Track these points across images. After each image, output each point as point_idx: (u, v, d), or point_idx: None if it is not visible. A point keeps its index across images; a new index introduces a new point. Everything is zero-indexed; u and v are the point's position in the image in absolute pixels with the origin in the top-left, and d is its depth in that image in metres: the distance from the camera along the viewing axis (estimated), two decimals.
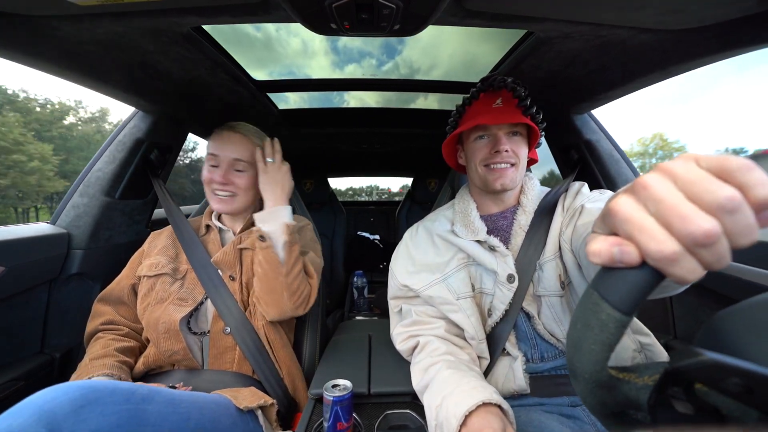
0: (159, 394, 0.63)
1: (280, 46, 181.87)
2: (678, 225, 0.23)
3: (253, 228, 0.90)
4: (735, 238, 0.23)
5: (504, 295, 0.73)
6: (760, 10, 0.59)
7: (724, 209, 0.22)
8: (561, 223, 0.76)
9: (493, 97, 0.79)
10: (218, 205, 0.94)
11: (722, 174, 0.23)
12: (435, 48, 10.63)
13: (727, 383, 0.24)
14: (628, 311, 0.27)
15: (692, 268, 0.24)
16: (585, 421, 0.66)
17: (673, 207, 0.24)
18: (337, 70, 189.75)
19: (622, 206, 0.26)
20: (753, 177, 0.22)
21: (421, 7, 0.59)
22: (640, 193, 0.26)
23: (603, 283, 0.28)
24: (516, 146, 0.78)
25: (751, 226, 0.23)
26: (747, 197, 0.23)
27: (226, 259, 0.92)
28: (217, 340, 0.86)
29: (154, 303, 0.86)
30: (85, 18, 0.62)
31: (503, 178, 0.77)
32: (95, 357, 0.80)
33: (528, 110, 0.76)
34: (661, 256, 0.24)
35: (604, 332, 0.28)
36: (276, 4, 0.60)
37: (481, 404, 0.54)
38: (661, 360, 0.69)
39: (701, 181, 0.23)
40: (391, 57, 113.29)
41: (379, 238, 2.87)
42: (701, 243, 0.23)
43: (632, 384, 0.30)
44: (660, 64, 0.80)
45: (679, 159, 0.26)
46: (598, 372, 0.30)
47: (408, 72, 30.56)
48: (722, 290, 0.83)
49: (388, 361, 0.87)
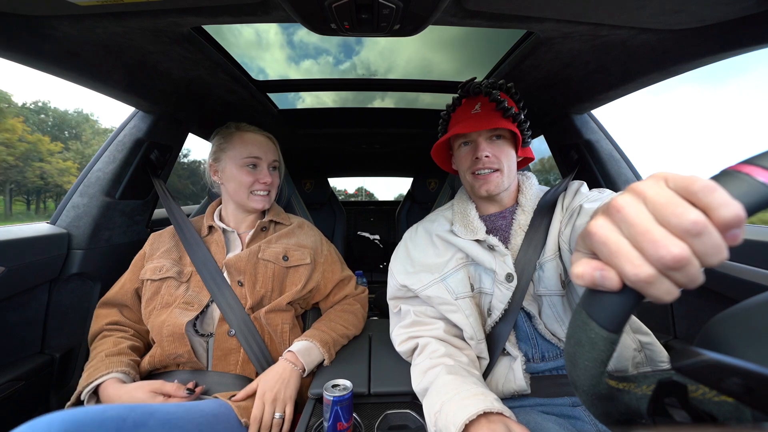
0: (153, 417, 0.59)
1: (232, 35, 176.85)
2: (649, 250, 0.24)
3: None
4: (704, 258, 0.24)
5: (503, 295, 0.73)
6: (760, 10, 0.59)
7: (689, 233, 0.23)
8: (560, 223, 0.76)
9: (473, 103, 0.80)
10: (259, 204, 0.99)
11: (688, 196, 0.24)
12: (392, 52, 10.85)
13: (727, 383, 0.24)
14: (614, 330, 0.28)
15: (668, 290, 0.25)
16: (586, 421, 0.66)
17: (644, 232, 0.25)
18: (293, 64, 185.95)
19: (599, 229, 0.27)
20: (715, 198, 0.23)
21: (421, 7, 0.59)
22: (614, 215, 0.27)
23: (589, 303, 0.29)
24: (498, 150, 0.78)
25: (719, 246, 0.23)
26: (711, 218, 0.23)
27: (239, 264, 0.91)
28: (222, 341, 0.86)
29: (159, 307, 0.86)
30: (85, 18, 0.63)
31: (488, 184, 0.78)
32: (111, 353, 0.80)
33: (507, 113, 0.76)
34: (637, 279, 0.25)
35: (595, 349, 0.29)
36: (276, 4, 0.60)
37: (482, 413, 0.53)
38: (661, 359, 0.69)
39: (668, 204, 0.24)
40: (348, 57, 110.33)
41: (379, 238, 2.87)
42: (671, 267, 0.24)
43: (632, 394, 0.31)
44: (660, 64, 0.80)
45: (651, 179, 0.27)
46: (596, 385, 0.31)
47: (365, 73, 30.54)
48: (722, 290, 0.83)
49: (388, 361, 0.87)
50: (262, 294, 0.91)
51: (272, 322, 0.90)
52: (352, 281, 1.11)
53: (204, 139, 1.49)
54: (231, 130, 0.99)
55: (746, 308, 0.30)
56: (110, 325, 0.88)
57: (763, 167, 0.24)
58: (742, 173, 0.24)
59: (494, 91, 0.76)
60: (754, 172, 0.24)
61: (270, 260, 0.94)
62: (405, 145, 1.94)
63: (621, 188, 1.14)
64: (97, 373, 0.75)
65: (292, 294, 0.93)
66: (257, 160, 0.97)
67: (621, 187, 1.14)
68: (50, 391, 0.96)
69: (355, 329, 1.01)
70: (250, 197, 0.97)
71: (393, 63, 37.62)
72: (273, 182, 1.00)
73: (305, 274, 0.97)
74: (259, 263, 0.93)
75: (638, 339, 0.69)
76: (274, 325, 0.90)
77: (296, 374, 0.81)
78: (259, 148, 0.97)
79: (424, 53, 23.74)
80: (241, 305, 0.88)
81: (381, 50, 25.51)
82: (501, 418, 0.53)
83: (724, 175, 0.25)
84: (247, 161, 0.95)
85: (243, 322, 0.86)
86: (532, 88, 1.03)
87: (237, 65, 0.95)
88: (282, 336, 0.91)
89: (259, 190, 0.97)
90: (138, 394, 0.72)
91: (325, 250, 1.08)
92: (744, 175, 0.24)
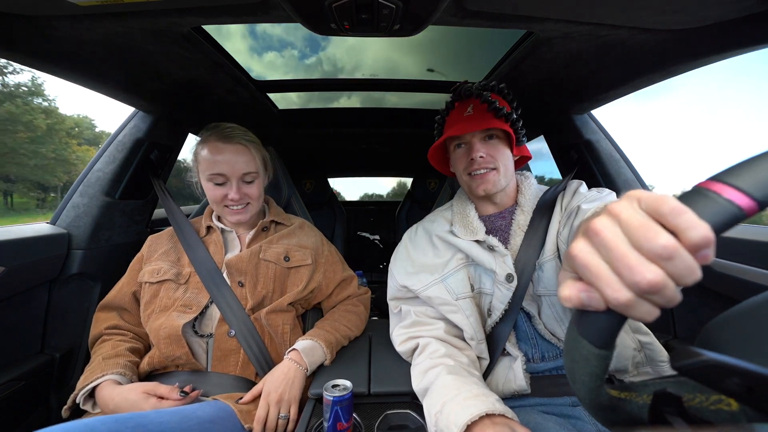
0: (146, 429, 0.56)
1: None
2: (626, 275, 0.25)
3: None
4: (678, 279, 0.24)
5: (503, 295, 0.73)
6: (760, 10, 0.59)
7: (661, 257, 0.24)
8: (559, 223, 0.76)
9: (465, 105, 0.81)
10: (235, 217, 0.93)
11: (658, 218, 0.25)
12: (358, 51, 10.88)
13: (727, 383, 0.24)
14: (604, 346, 0.29)
15: (647, 311, 0.25)
16: (586, 421, 0.66)
17: (620, 257, 0.25)
18: (255, 55, 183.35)
19: (579, 252, 0.28)
20: (683, 221, 0.23)
21: (421, 7, 0.59)
22: (593, 238, 0.27)
23: (580, 322, 0.30)
24: (493, 149, 0.78)
25: (691, 267, 0.24)
26: (681, 240, 0.24)
27: (239, 264, 0.91)
28: (222, 342, 0.85)
29: (158, 311, 0.86)
30: (85, 18, 0.63)
31: (485, 184, 0.78)
32: (108, 356, 0.79)
33: (499, 113, 0.76)
34: (617, 303, 0.25)
35: (589, 365, 0.30)
36: (276, 4, 0.60)
37: (485, 415, 0.53)
38: (661, 359, 0.69)
39: (640, 228, 0.25)
40: (314, 52, 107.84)
41: (379, 238, 2.87)
42: (647, 292, 0.24)
43: (634, 403, 0.32)
44: (660, 64, 0.80)
45: (625, 199, 0.27)
46: (596, 398, 0.31)
47: (332, 69, 30.44)
48: (722, 290, 0.83)
49: (388, 361, 0.87)
50: (263, 294, 0.91)
51: (273, 323, 0.89)
52: (354, 281, 1.11)
53: None
54: (205, 137, 0.91)
55: (744, 310, 0.30)
56: (109, 329, 0.88)
57: (731, 185, 0.24)
58: (711, 192, 0.24)
59: (485, 92, 0.77)
60: (722, 191, 0.24)
61: (271, 261, 0.94)
62: (405, 145, 1.94)
63: (621, 188, 1.14)
64: (93, 376, 0.74)
65: (293, 295, 0.93)
66: (222, 178, 0.89)
67: (621, 187, 1.14)
68: (50, 391, 0.96)
69: (357, 330, 1.01)
70: (225, 210, 0.93)
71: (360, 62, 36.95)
72: (247, 194, 0.92)
73: (306, 274, 0.97)
74: (261, 264, 0.93)
75: (638, 339, 0.69)
76: (275, 325, 0.90)
77: (301, 374, 0.81)
78: (225, 164, 0.88)
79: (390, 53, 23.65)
80: (241, 306, 0.87)
81: (348, 48, 25.50)
82: (505, 420, 0.53)
83: (694, 193, 0.25)
84: (211, 178, 0.89)
85: (243, 323, 0.86)
86: (532, 88, 1.03)
87: (237, 65, 0.95)
88: (282, 337, 0.90)
89: (231, 206, 0.91)
90: (131, 396, 0.71)
91: (326, 251, 1.08)
92: (713, 193, 0.24)
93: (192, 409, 0.67)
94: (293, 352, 0.84)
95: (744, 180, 0.24)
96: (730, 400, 0.27)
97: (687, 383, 0.30)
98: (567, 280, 0.29)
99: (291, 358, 0.82)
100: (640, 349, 0.69)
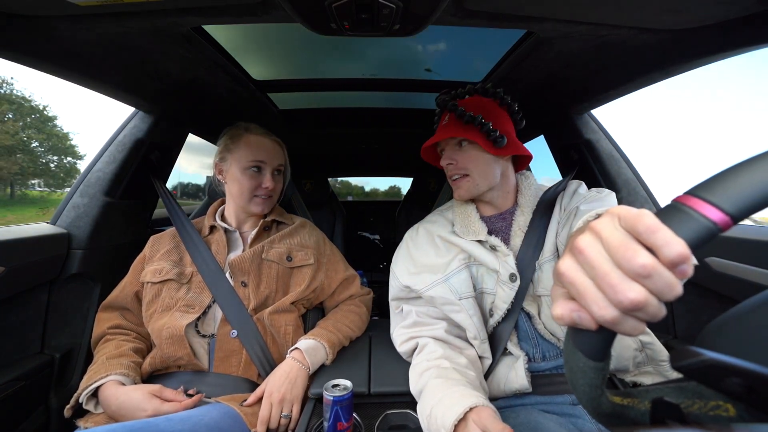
0: None
1: None
2: (609, 293, 0.25)
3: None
4: (660, 295, 0.24)
5: (506, 295, 0.73)
6: (760, 10, 0.59)
7: (640, 276, 0.24)
8: (558, 224, 0.76)
9: (445, 115, 0.83)
10: (259, 208, 0.98)
11: (636, 236, 0.25)
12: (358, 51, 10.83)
13: (727, 383, 0.24)
14: (600, 359, 0.29)
15: (633, 326, 0.26)
16: (586, 420, 0.66)
17: (603, 276, 0.26)
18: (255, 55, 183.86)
19: (566, 270, 0.28)
20: (659, 238, 0.24)
21: (421, 7, 0.59)
22: (578, 256, 0.28)
23: (574, 336, 0.30)
24: (463, 156, 0.80)
25: (671, 284, 0.24)
26: (659, 257, 0.24)
27: (242, 264, 0.91)
28: (224, 343, 0.85)
29: (160, 311, 0.86)
30: (85, 18, 0.62)
31: (459, 189, 0.82)
32: (111, 356, 0.80)
33: (468, 121, 0.77)
34: (604, 320, 0.26)
35: (587, 376, 0.30)
36: (276, 4, 0.60)
37: (468, 410, 0.55)
38: (661, 358, 0.69)
39: (620, 247, 0.25)
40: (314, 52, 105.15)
41: (379, 238, 2.87)
42: (630, 310, 0.25)
43: (636, 410, 0.32)
44: (660, 64, 0.80)
45: (607, 216, 0.28)
46: (598, 406, 0.32)
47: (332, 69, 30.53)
48: (722, 290, 0.83)
49: (388, 361, 0.87)
50: (266, 295, 0.91)
51: (275, 323, 0.89)
52: (356, 280, 1.11)
53: (204, 139, 1.49)
54: (239, 131, 0.98)
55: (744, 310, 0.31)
56: (112, 329, 0.88)
57: (705, 200, 0.24)
58: (687, 207, 0.24)
59: (452, 102, 0.79)
60: (698, 206, 0.24)
61: (274, 261, 0.94)
62: (405, 145, 1.94)
63: (621, 188, 1.14)
64: (97, 376, 0.74)
65: (296, 294, 0.93)
66: (261, 164, 0.96)
67: (621, 187, 1.14)
68: (50, 391, 0.96)
69: (359, 331, 1.01)
70: (251, 201, 0.97)
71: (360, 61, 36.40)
72: (275, 187, 1.00)
73: (309, 274, 0.97)
74: (263, 264, 0.93)
75: (638, 339, 0.70)
76: (278, 326, 0.89)
77: (303, 373, 0.81)
78: (265, 152, 0.97)
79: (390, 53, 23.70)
80: (243, 306, 0.87)
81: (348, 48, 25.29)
82: (489, 411, 0.55)
83: (671, 208, 0.25)
84: (251, 164, 0.95)
85: (245, 323, 0.86)
86: (532, 88, 1.03)
87: (237, 65, 0.95)
88: (285, 337, 0.90)
89: (261, 195, 0.97)
90: (135, 395, 0.71)
91: (328, 250, 1.08)
92: (688, 209, 0.24)
93: (199, 416, 0.67)
94: (296, 351, 0.84)
95: (718, 195, 0.24)
96: (728, 405, 0.27)
97: (686, 389, 0.30)
98: (559, 298, 0.30)
99: (294, 357, 0.82)
100: (641, 349, 0.69)
